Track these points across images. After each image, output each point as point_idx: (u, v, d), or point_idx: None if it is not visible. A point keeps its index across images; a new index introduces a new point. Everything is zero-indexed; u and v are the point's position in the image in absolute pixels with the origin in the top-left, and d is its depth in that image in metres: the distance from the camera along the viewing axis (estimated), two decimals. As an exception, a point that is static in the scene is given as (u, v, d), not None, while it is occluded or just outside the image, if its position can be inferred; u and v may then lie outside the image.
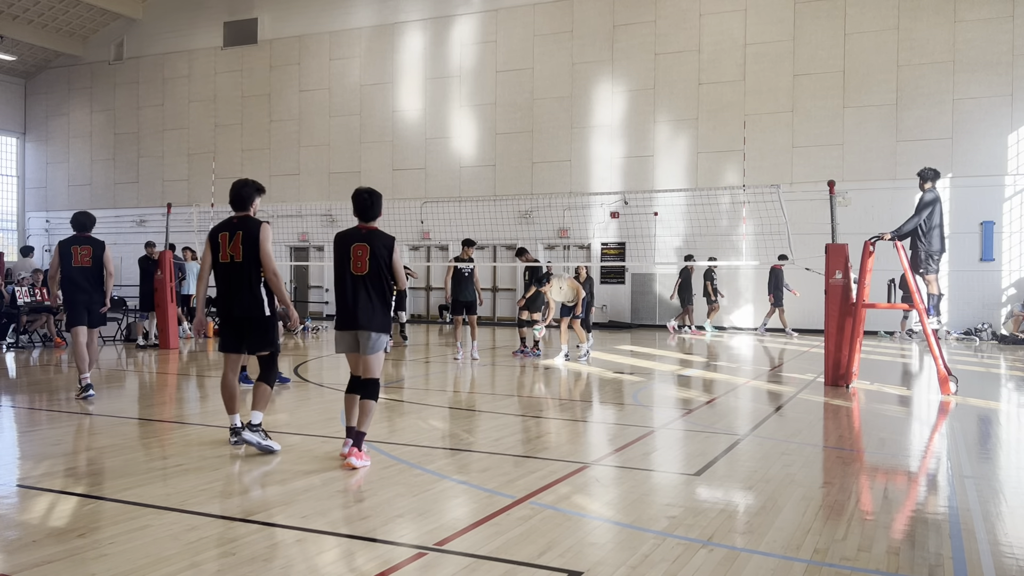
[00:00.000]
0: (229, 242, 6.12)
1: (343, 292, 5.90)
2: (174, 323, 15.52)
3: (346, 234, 5.98)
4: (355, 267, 5.84)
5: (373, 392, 5.87)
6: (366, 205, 5.97)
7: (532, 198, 23.57)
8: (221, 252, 6.16)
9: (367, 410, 5.80)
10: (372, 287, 5.84)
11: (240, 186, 6.30)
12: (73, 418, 8.11)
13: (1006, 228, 19.82)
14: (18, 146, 32.67)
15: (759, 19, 21.97)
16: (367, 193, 6.00)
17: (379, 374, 5.95)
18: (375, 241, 5.87)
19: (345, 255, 5.89)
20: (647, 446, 6.74)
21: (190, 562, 3.82)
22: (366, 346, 5.86)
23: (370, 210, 5.98)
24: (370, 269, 5.82)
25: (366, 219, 6.00)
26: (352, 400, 5.96)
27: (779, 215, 12.82)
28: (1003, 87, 19.75)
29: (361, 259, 5.83)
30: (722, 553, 4.03)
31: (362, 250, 5.84)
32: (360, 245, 5.86)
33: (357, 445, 5.72)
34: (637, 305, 23.19)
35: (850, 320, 10.28)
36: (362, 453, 5.70)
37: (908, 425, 8.07)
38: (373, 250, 5.83)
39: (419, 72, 25.90)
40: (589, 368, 12.41)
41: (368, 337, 5.84)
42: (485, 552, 4.02)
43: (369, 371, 5.89)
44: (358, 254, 5.84)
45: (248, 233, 6.09)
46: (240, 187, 6.29)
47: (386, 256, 5.85)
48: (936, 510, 4.95)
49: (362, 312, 5.82)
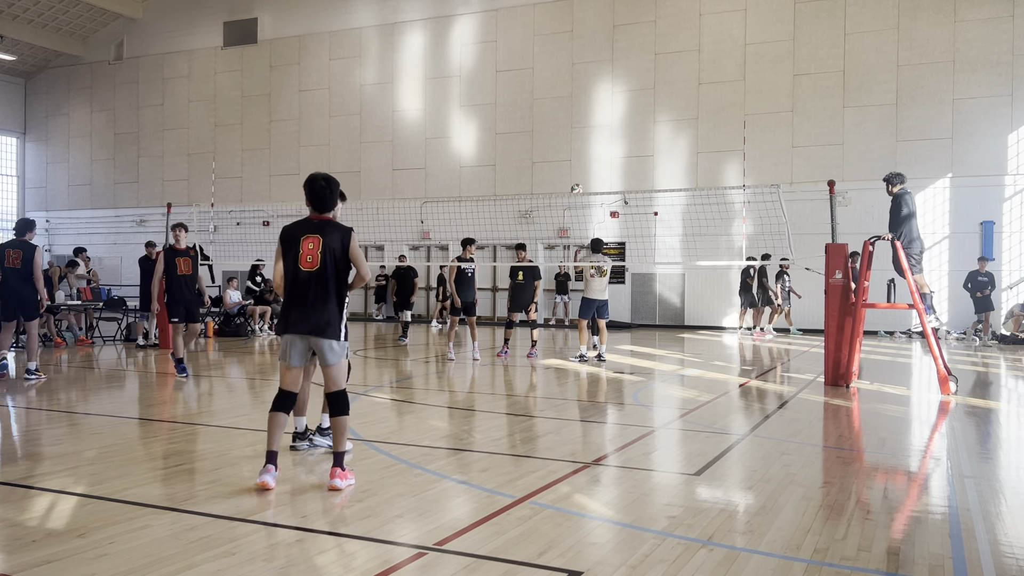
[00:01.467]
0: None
1: (292, 292, 5.19)
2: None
3: (295, 225, 5.30)
4: (304, 262, 5.13)
5: (343, 406, 5.23)
6: (323, 194, 5.29)
7: (532, 198, 23.57)
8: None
9: (341, 428, 5.20)
10: (324, 285, 5.15)
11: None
12: (73, 418, 8.11)
13: (1006, 228, 19.82)
14: (18, 146, 32.68)
15: (759, 19, 21.97)
16: (324, 180, 5.32)
17: (345, 384, 5.31)
18: (328, 232, 5.20)
19: (294, 249, 5.19)
20: (647, 446, 6.74)
21: (190, 562, 3.82)
22: (326, 356, 5.19)
23: (328, 199, 5.30)
24: (321, 264, 5.14)
25: (321, 209, 5.30)
26: (277, 419, 5.19)
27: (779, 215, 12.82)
28: (1003, 87, 19.76)
29: (312, 252, 5.13)
30: (722, 553, 4.03)
31: (313, 242, 5.15)
32: (311, 237, 5.18)
33: (338, 464, 5.15)
34: (637, 305, 23.20)
35: (850, 320, 10.28)
36: (346, 472, 5.16)
37: (908, 425, 8.07)
38: (325, 242, 5.16)
39: (419, 72, 25.91)
40: (589, 368, 12.41)
41: (328, 346, 5.18)
42: (485, 552, 4.01)
43: (334, 383, 5.24)
44: (308, 247, 5.14)
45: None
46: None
47: (339, 249, 5.18)
48: (936, 510, 4.95)
49: (315, 315, 5.13)
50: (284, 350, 5.24)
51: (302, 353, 5.25)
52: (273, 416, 5.22)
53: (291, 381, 5.27)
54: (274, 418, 5.21)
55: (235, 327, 18.68)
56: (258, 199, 27.49)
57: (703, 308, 22.56)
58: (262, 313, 19.35)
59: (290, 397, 5.28)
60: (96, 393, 9.76)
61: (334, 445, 5.24)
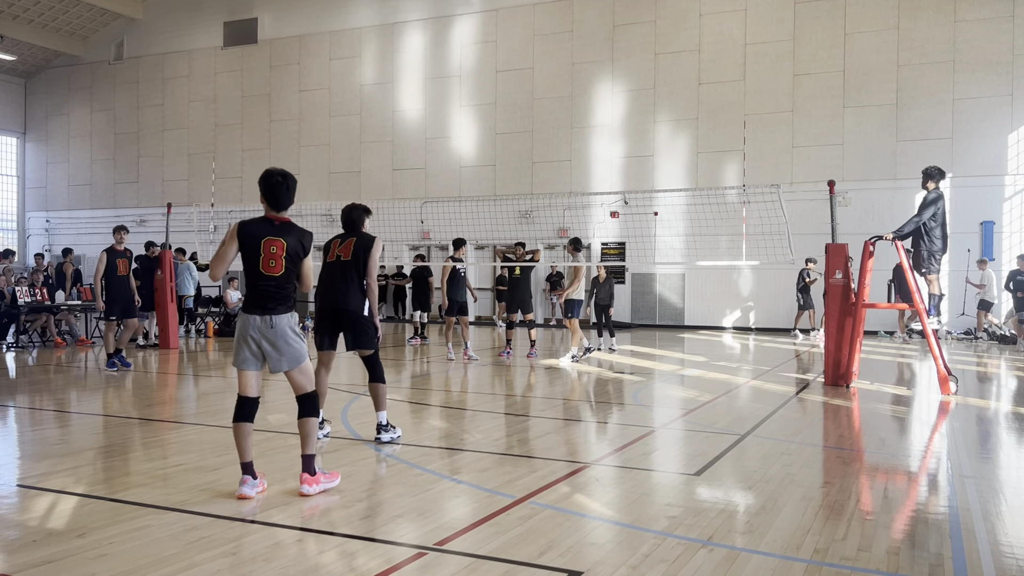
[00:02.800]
0: (340, 245, 6.53)
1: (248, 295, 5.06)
2: (174, 323, 15.53)
3: (255, 225, 5.07)
4: (266, 266, 4.98)
5: (313, 408, 5.10)
6: (280, 191, 5.06)
7: (532, 198, 23.57)
8: (331, 253, 6.55)
9: (308, 430, 5.06)
10: (282, 290, 5.03)
11: (350, 209, 6.66)
12: (73, 418, 8.11)
13: (1006, 228, 19.82)
14: (18, 146, 32.68)
15: (759, 19, 21.97)
16: (280, 176, 5.09)
17: (313, 385, 5.18)
18: (290, 237, 5.04)
19: (255, 251, 5.00)
20: (647, 446, 6.74)
21: (190, 562, 3.82)
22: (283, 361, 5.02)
23: (285, 197, 5.10)
24: (285, 270, 5.01)
25: (279, 208, 5.10)
26: (243, 430, 4.97)
27: (779, 215, 12.82)
28: (1003, 87, 19.76)
29: (276, 256, 4.98)
30: (722, 553, 4.03)
31: (277, 247, 5.00)
32: (273, 240, 5.01)
33: (308, 470, 4.99)
34: (637, 305, 23.20)
35: (850, 320, 10.28)
36: (317, 476, 5.02)
37: (908, 425, 8.07)
38: (289, 247, 5.02)
39: (419, 72, 25.91)
40: (589, 368, 12.41)
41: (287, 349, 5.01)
42: (485, 552, 4.01)
43: (302, 386, 5.10)
44: (271, 251, 4.98)
45: (361, 241, 6.49)
46: (350, 210, 6.66)
47: (300, 255, 5.07)
48: (936, 510, 4.95)
49: (269, 319, 4.98)
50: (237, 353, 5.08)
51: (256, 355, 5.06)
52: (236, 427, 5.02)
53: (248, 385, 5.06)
54: (237, 429, 5.02)
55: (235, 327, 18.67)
56: (258, 199, 27.37)
57: (704, 308, 22.56)
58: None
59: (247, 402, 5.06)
60: (96, 393, 9.76)
61: (304, 448, 5.08)
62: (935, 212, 9.94)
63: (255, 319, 4.99)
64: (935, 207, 9.94)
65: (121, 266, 11.86)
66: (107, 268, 11.73)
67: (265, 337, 4.98)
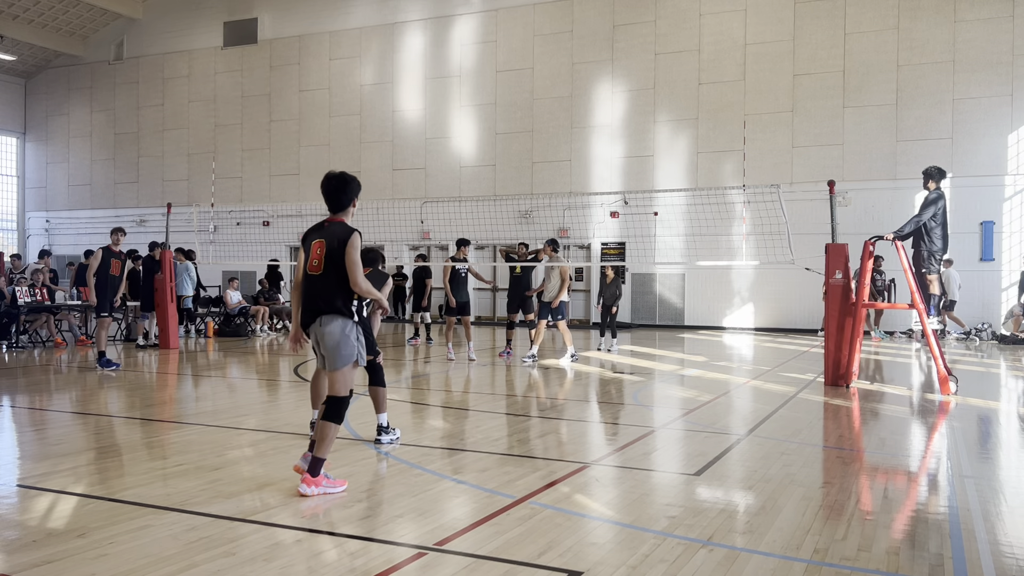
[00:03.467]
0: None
1: (304, 293, 5.18)
2: (174, 323, 15.52)
3: (311, 228, 5.26)
4: (311, 266, 5.08)
5: (335, 413, 5.07)
6: (325, 192, 5.20)
7: (532, 198, 23.57)
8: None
9: (325, 433, 5.05)
10: (327, 289, 5.05)
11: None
12: (73, 418, 8.11)
13: (1006, 228, 19.82)
14: (18, 146, 32.67)
15: (759, 19, 21.97)
16: (327, 178, 5.21)
17: (344, 392, 5.10)
18: (331, 236, 5.07)
19: (306, 252, 5.14)
20: (647, 446, 6.74)
21: (190, 562, 3.82)
22: (328, 360, 5.11)
23: (332, 197, 5.18)
24: (325, 268, 5.04)
25: (332, 209, 5.21)
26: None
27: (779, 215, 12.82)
28: (1003, 87, 19.76)
29: (318, 256, 5.05)
30: (722, 553, 4.03)
31: (320, 247, 5.06)
32: (319, 241, 5.09)
33: (312, 471, 5.02)
34: (637, 305, 23.20)
35: (850, 320, 10.28)
36: (319, 479, 5.02)
37: (908, 425, 8.07)
38: (328, 245, 5.04)
39: (419, 72, 25.91)
40: (590, 368, 12.40)
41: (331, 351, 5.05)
42: (485, 552, 4.02)
43: (332, 388, 5.11)
44: (316, 251, 5.07)
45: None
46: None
47: (337, 251, 5.03)
48: (936, 510, 4.95)
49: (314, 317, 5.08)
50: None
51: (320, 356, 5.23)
52: None
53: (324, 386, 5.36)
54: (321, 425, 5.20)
55: (235, 327, 18.68)
56: (258, 199, 27.49)
57: (703, 308, 22.56)
58: (262, 314, 19.34)
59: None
60: (96, 393, 9.76)
61: (316, 450, 5.08)
62: (936, 212, 9.95)
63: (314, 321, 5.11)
64: (935, 207, 9.95)
65: (114, 266, 12.04)
66: (101, 266, 11.90)
67: (316, 337, 5.13)
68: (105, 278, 11.94)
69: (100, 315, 12.08)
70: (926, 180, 10.17)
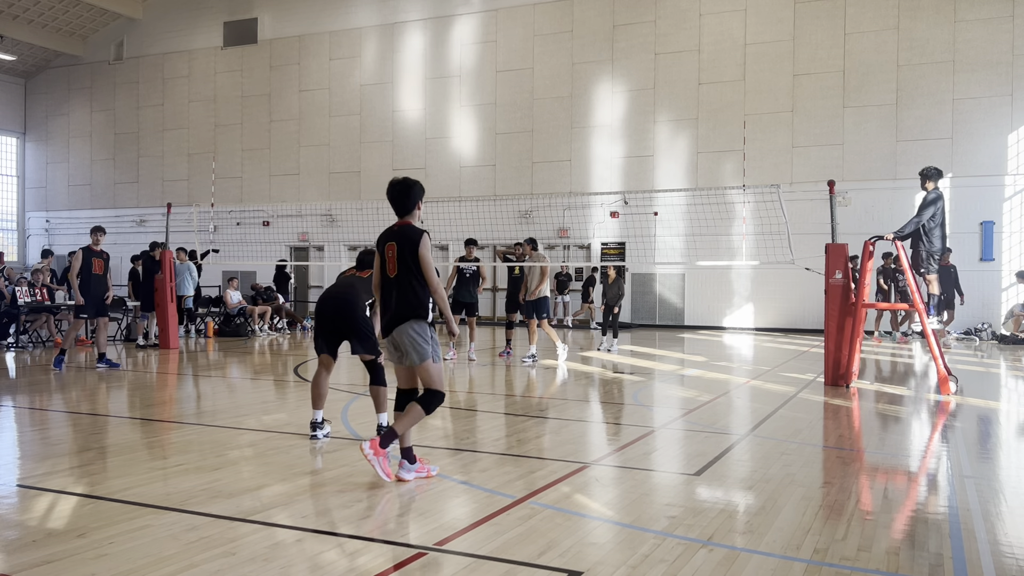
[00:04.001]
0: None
1: (382, 297, 5.44)
2: (174, 323, 15.53)
3: (384, 233, 5.49)
4: (388, 268, 5.35)
5: (429, 403, 5.31)
6: (391, 196, 5.45)
7: (532, 198, 23.57)
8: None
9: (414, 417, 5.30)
10: (401, 290, 5.30)
11: None
12: (73, 418, 8.11)
13: (1006, 228, 19.82)
14: (18, 146, 32.67)
15: (759, 19, 21.97)
16: (392, 183, 5.48)
17: (440, 386, 5.35)
18: (402, 238, 5.34)
19: (380, 256, 5.42)
20: (647, 446, 6.74)
21: (190, 562, 3.82)
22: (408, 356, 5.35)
23: (397, 202, 5.43)
24: (399, 270, 5.31)
25: (398, 212, 5.46)
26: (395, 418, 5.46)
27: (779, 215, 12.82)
28: (1003, 87, 19.76)
29: (392, 260, 5.32)
30: (722, 553, 4.03)
31: (392, 250, 5.33)
32: (391, 244, 5.35)
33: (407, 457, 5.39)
34: (637, 305, 23.20)
35: (850, 320, 10.28)
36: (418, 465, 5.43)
37: (908, 425, 8.07)
38: (399, 249, 5.30)
39: (419, 72, 25.91)
40: (590, 368, 12.40)
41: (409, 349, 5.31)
42: (485, 552, 4.02)
43: (425, 382, 5.37)
44: (389, 255, 5.34)
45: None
46: None
47: (410, 253, 5.29)
48: (936, 510, 4.95)
49: (394, 318, 5.31)
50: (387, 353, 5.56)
51: (394, 353, 5.46)
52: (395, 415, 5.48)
53: (399, 379, 5.50)
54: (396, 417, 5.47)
55: (235, 327, 18.69)
56: (258, 199, 27.49)
57: (703, 308, 22.56)
58: (261, 313, 19.35)
59: (406, 395, 5.48)
60: (96, 393, 9.76)
61: (397, 425, 5.35)
62: (935, 212, 9.96)
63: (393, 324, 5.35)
64: (935, 207, 9.96)
65: (97, 265, 12.02)
66: (84, 267, 11.88)
67: (395, 337, 5.35)
68: (89, 278, 11.92)
69: (79, 316, 12.12)
70: (924, 181, 10.17)
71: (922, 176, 10.21)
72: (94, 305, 12.01)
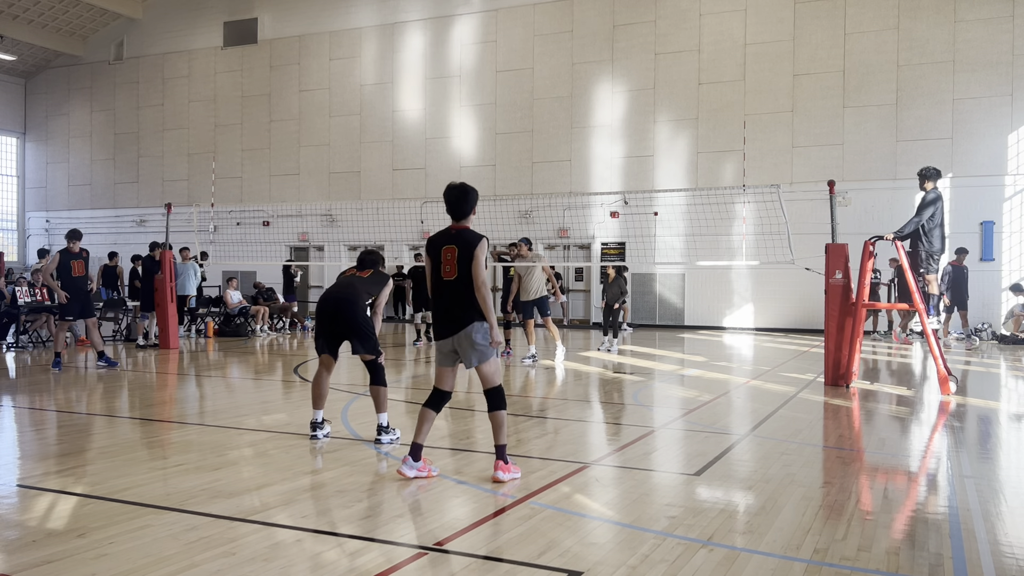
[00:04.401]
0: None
1: (435, 299, 5.52)
2: (174, 323, 15.52)
3: (437, 236, 5.60)
4: (444, 271, 5.45)
5: (499, 402, 5.45)
6: (450, 201, 5.56)
7: (532, 198, 23.57)
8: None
9: (499, 422, 5.43)
10: (460, 292, 5.41)
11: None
12: (73, 418, 8.12)
13: (1006, 228, 19.82)
14: (18, 146, 32.67)
15: (759, 19, 21.97)
16: (452, 188, 5.58)
17: (498, 381, 5.50)
18: (463, 242, 5.47)
19: (436, 259, 5.49)
20: (647, 446, 6.74)
21: (190, 562, 3.82)
22: (469, 358, 5.44)
23: (456, 207, 5.54)
24: (458, 273, 5.41)
25: (455, 217, 5.58)
26: (426, 415, 5.51)
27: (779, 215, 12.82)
28: (1003, 87, 19.76)
29: (450, 262, 5.42)
30: (722, 553, 4.03)
31: (451, 252, 5.45)
32: (449, 247, 5.46)
33: (500, 457, 5.43)
34: (637, 305, 23.19)
35: (850, 320, 10.28)
36: (508, 465, 5.45)
37: (908, 425, 8.07)
38: (459, 252, 5.43)
39: (419, 72, 25.90)
40: (590, 368, 12.40)
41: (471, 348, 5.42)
42: (485, 552, 4.02)
43: (487, 381, 5.49)
44: (447, 257, 5.44)
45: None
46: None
47: (469, 257, 5.42)
48: (936, 510, 4.95)
49: (454, 319, 5.41)
50: (436, 355, 5.60)
51: (447, 355, 5.53)
52: (423, 411, 5.52)
53: (441, 380, 5.56)
54: (423, 413, 5.52)
55: (235, 327, 18.68)
56: (258, 199, 27.49)
57: (703, 308, 22.56)
58: (262, 313, 19.35)
59: (442, 396, 5.56)
60: (96, 393, 9.76)
61: (495, 438, 5.47)
62: (934, 212, 9.98)
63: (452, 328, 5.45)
64: (934, 207, 9.97)
65: (76, 267, 12.07)
66: (62, 269, 11.94)
67: (455, 339, 5.44)
68: (69, 281, 11.97)
69: (64, 318, 12.15)
70: (922, 181, 10.19)
71: (921, 176, 10.22)
72: (78, 306, 12.07)
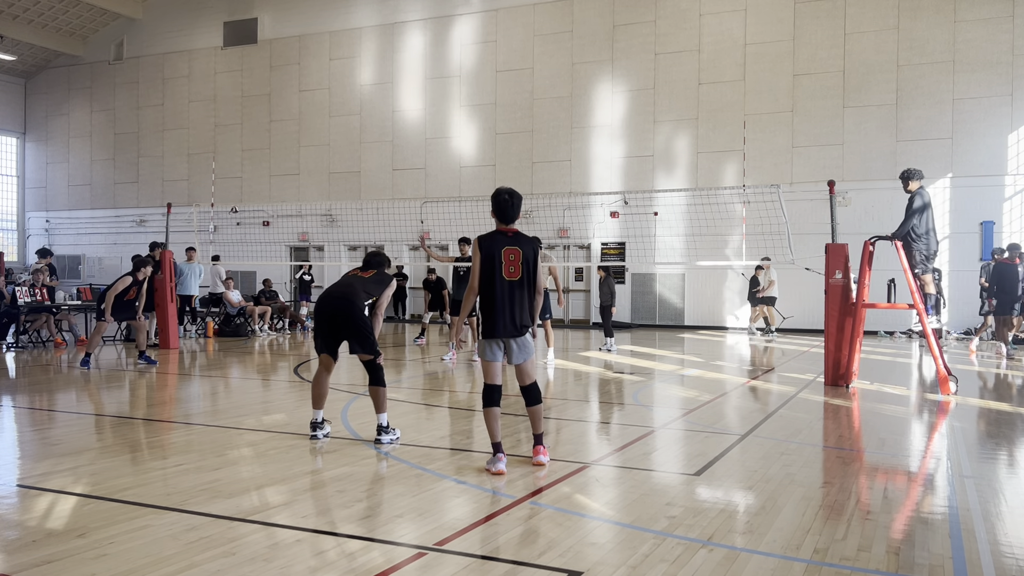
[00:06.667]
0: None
1: (493, 298, 5.74)
2: (174, 323, 15.51)
3: (492, 237, 5.84)
4: (507, 272, 5.75)
5: (537, 396, 5.87)
6: (507, 207, 5.85)
7: (532, 198, 23.57)
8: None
9: (538, 414, 5.85)
10: (523, 292, 5.78)
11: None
12: (73, 418, 8.11)
13: (1006, 228, 19.82)
14: (18, 146, 32.68)
15: (759, 19, 21.97)
16: (507, 194, 5.88)
17: (537, 375, 5.99)
18: (524, 245, 5.83)
19: (495, 259, 5.75)
20: (647, 446, 6.74)
21: (190, 562, 3.82)
22: (519, 354, 5.81)
23: (511, 212, 5.86)
24: (522, 274, 5.77)
25: (507, 221, 5.88)
26: (492, 413, 5.76)
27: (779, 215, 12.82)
28: (1003, 87, 19.76)
29: (514, 263, 5.75)
30: (722, 553, 4.03)
31: (514, 254, 5.77)
32: (512, 249, 5.77)
33: (539, 443, 5.86)
34: (637, 305, 23.20)
35: (850, 320, 10.28)
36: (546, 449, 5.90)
37: (908, 425, 8.07)
38: (524, 254, 5.78)
39: (419, 72, 25.91)
40: (589, 368, 12.40)
41: (522, 344, 5.81)
42: (485, 552, 4.02)
43: (527, 376, 5.86)
44: (510, 258, 5.75)
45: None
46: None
47: (532, 259, 5.82)
48: (936, 510, 4.95)
49: (516, 318, 5.75)
50: (483, 351, 5.85)
51: (499, 351, 5.83)
52: (488, 412, 5.77)
53: (495, 375, 5.82)
54: (489, 413, 5.77)
55: (235, 327, 18.68)
56: (258, 199, 27.49)
57: (704, 308, 22.57)
58: (261, 313, 19.34)
59: (497, 389, 5.80)
60: (96, 393, 9.76)
61: (533, 428, 5.88)
62: (927, 212, 10.03)
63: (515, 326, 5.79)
64: (920, 216, 10.05)
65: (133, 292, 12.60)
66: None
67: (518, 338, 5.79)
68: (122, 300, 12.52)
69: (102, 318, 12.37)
70: (906, 183, 10.29)
71: (903, 179, 10.33)
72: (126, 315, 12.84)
